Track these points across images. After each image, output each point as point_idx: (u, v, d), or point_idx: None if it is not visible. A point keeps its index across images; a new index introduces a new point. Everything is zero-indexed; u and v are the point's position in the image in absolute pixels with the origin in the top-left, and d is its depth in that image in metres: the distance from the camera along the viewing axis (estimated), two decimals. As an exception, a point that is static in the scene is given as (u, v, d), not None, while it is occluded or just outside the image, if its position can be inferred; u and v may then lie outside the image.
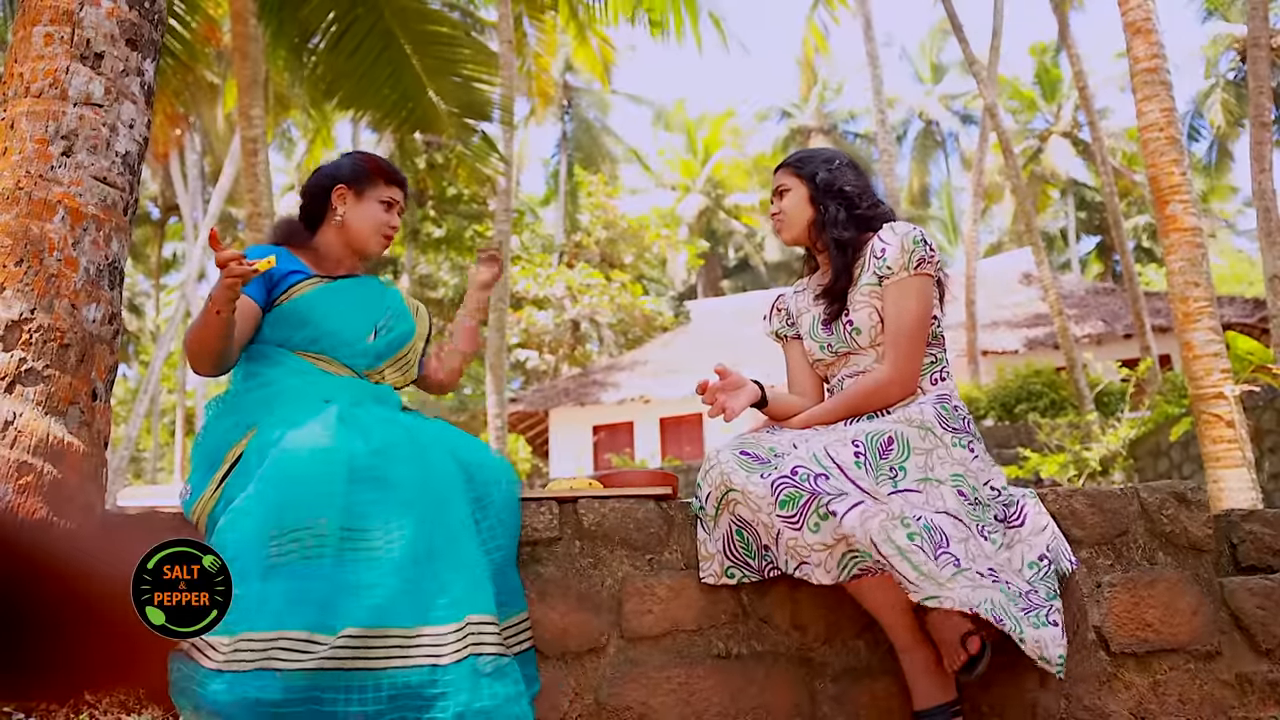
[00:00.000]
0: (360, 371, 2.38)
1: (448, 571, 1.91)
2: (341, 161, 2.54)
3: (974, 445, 2.20)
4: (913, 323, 2.27)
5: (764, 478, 2.02)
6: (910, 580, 1.85)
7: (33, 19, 2.55)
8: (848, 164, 2.47)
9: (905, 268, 2.28)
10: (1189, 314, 5.89)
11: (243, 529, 1.87)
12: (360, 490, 1.94)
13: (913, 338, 2.27)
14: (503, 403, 13.09)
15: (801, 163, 2.47)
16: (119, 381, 32.29)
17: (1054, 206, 33.85)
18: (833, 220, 2.38)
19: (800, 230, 2.45)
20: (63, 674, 0.88)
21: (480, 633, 1.87)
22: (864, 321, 2.32)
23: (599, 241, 28.95)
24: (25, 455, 2.21)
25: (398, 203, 2.52)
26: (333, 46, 8.40)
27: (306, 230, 2.51)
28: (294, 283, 2.37)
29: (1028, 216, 15.32)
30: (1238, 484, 5.54)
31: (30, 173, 2.41)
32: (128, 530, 2.19)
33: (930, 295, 2.31)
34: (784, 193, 2.47)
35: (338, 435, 2.01)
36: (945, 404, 2.25)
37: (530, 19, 14.17)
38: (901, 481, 2.05)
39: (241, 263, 2.03)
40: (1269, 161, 9.30)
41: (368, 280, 2.56)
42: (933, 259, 2.30)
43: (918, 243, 2.29)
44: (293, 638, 1.78)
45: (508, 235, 13.44)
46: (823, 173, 2.42)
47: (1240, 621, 2.20)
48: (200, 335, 2.19)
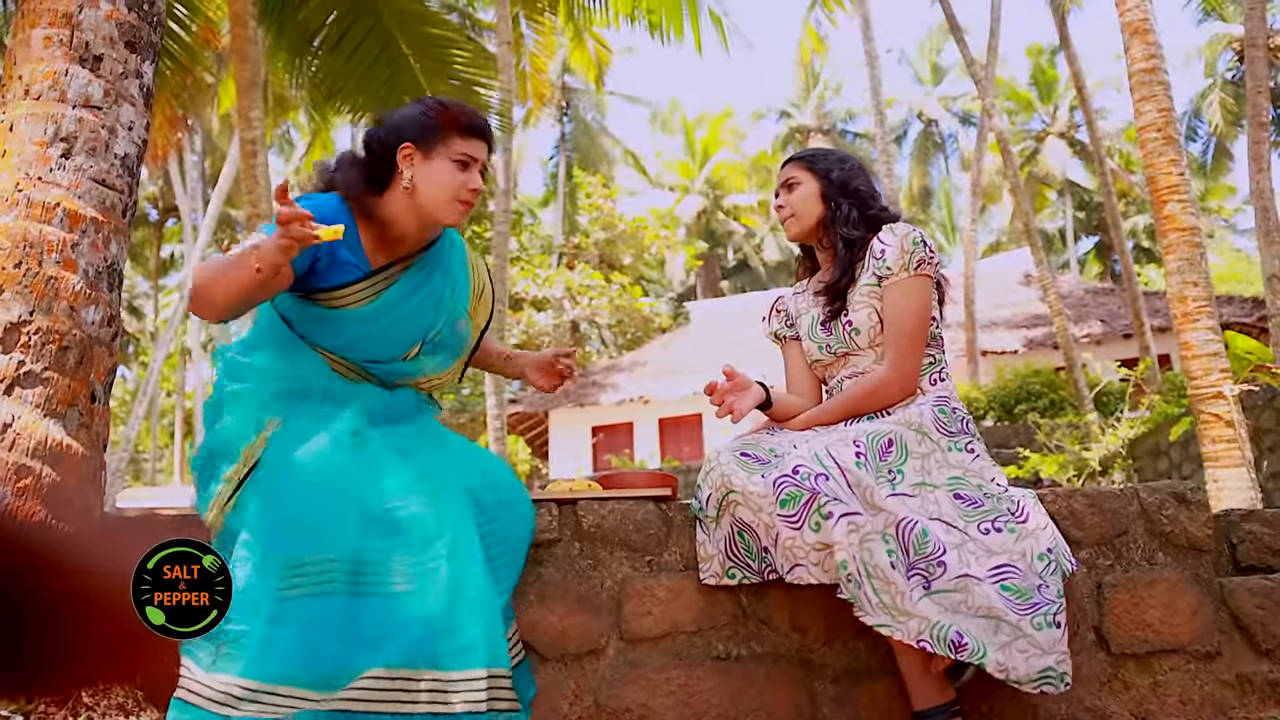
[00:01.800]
0: (391, 382, 2.18)
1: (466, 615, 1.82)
2: (408, 112, 2.13)
3: (973, 446, 2.21)
4: (912, 323, 2.27)
5: (764, 478, 2.02)
6: (869, 605, 1.90)
7: (32, 21, 2.55)
8: (859, 166, 2.49)
9: (905, 268, 2.29)
10: (1188, 314, 5.89)
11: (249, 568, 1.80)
12: (372, 537, 1.85)
13: (912, 338, 2.27)
14: (502, 404, 13.08)
15: (815, 159, 2.49)
16: (118, 382, 32.34)
17: (1052, 207, 33.89)
18: (844, 218, 2.39)
19: (809, 225, 2.45)
20: (60, 673, 0.88)
21: (498, 687, 1.81)
22: (863, 322, 2.33)
23: (598, 243, 28.95)
24: (24, 458, 2.21)
25: (478, 159, 2.11)
26: (332, 48, 8.41)
27: (370, 193, 2.10)
28: (342, 283, 2.08)
29: (1026, 217, 15.31)
30: (1237, 484, 5.54)
31: (29, 175, 2.41)
32: (126, 532, 2.19)
33: (929, 296, 2.32)
34: (793, 186, 2.47)
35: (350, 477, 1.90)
36: (943, 406, 2.26)
37: (528, 20, 14.16)
38: (899, 485, 2.07)
39: (305, 224, 1.77)
40: (1267, 161, 9.30)
41: (434, 269, 2.21)
42: (932, 260, 2.31)
43: (917, 244, 2.30)
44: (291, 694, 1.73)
45: (506, 236, 13.44)
46: (837, 171, 2.44)
47: (1240, 621, 2.19)
48: (225, 284, 1.91)
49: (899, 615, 1.89)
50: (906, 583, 1.91)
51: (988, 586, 1.94)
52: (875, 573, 1.91)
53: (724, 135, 37.45)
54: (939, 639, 1.87)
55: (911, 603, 1.90)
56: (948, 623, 1.88)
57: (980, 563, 1.98)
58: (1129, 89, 6.32)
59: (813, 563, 1.97)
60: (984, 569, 1.97)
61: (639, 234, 29.46)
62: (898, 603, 1.90)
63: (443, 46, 8.55)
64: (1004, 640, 1.89)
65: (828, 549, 1.94)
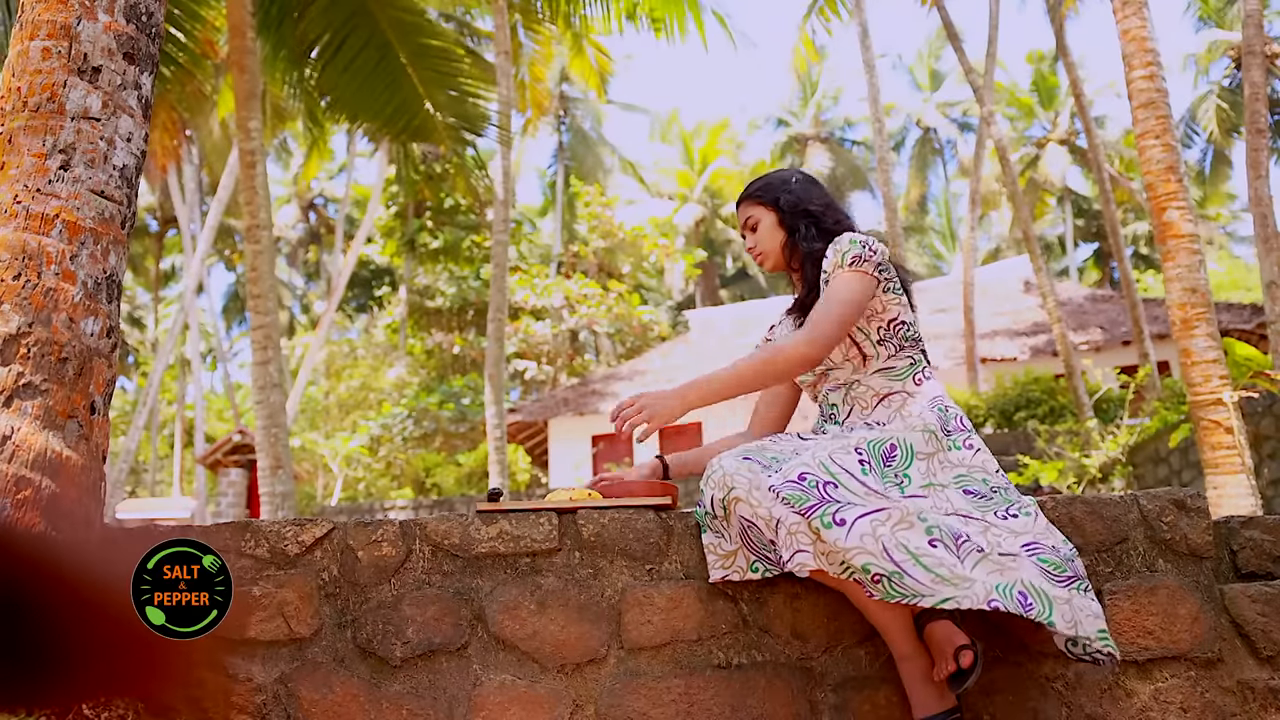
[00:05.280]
0: None
1: None
2: None
3: (971, 441, 2.23)
4: (836, 305, 2.29)
5: (768, 478, 2.02)
6: (924, 585, 1.84)
7: (30, 33, 2.56)
8: (805, 180, 2.54)
9: (839, 266, 2.33)
10: (1187, 320, 5.90)
11: None
12: None
13: (832, 317, 2.28)
14: (502, 413, 13.09)
15: (764, 190, 2.53)
16: (117, 393, 32.33)
17: (1051, 214, 33.93)
18: (804, 237, 2.45)
19: (777, 255, 2.51)
20: (61, 685, 0.88)
21: None
22: None
23: (596, 251, 28.99)
24: (23, 469, 2.21)
25: None
26: (331, 58, 8.44)
27: None
28: None
29: (1025, 224, 15.33)
30: (1237, 490, 5.55)
31: (28, 187, 2.42)
32: (126, 543, 2.19)
33: (862, 289, 2.31)
34: (755, 225, 2.53)
35: None
36: (939, 405, 2.27)
37: (526, 30, 14.22)
38: (908, 489, 2.07)
39: None
40: (1265, 168, 9.32)
41: None
42: (870, 258, 2.32)
43: (853, 243, 2.33)
44: None
45: (505, 246, 13.45)
46: (785, 196, 2.49)
47: (1241, 629, 2.19)
48: None
49: (962, 583, 1.85)
50: (956, 556, 1.89)
51: (1025, 560, 1.95)
52: (920, 554, 1.88)
53: (722, 144, 37.52)
54: (1008, 595, 1.84)
55: (967, 569, 1.87)
56: (1010, 580, 1.87)
57: (1009, 543, 1.99)
58: (1128, 96, 6.34)
59: (821, 552, 1.95)
60: (1015, 546, 1.98)
61: (638, 243, 29.51)
62: (955, 572, 1.86)
63: (441, 57, 8.58)
64: (1063, 597, 1.90)
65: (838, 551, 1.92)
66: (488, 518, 2.24)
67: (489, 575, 2.21)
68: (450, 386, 25.14)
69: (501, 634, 2.16)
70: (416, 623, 2.16)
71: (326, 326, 23.82)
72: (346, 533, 2.24)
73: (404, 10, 8.35)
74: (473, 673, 2.14)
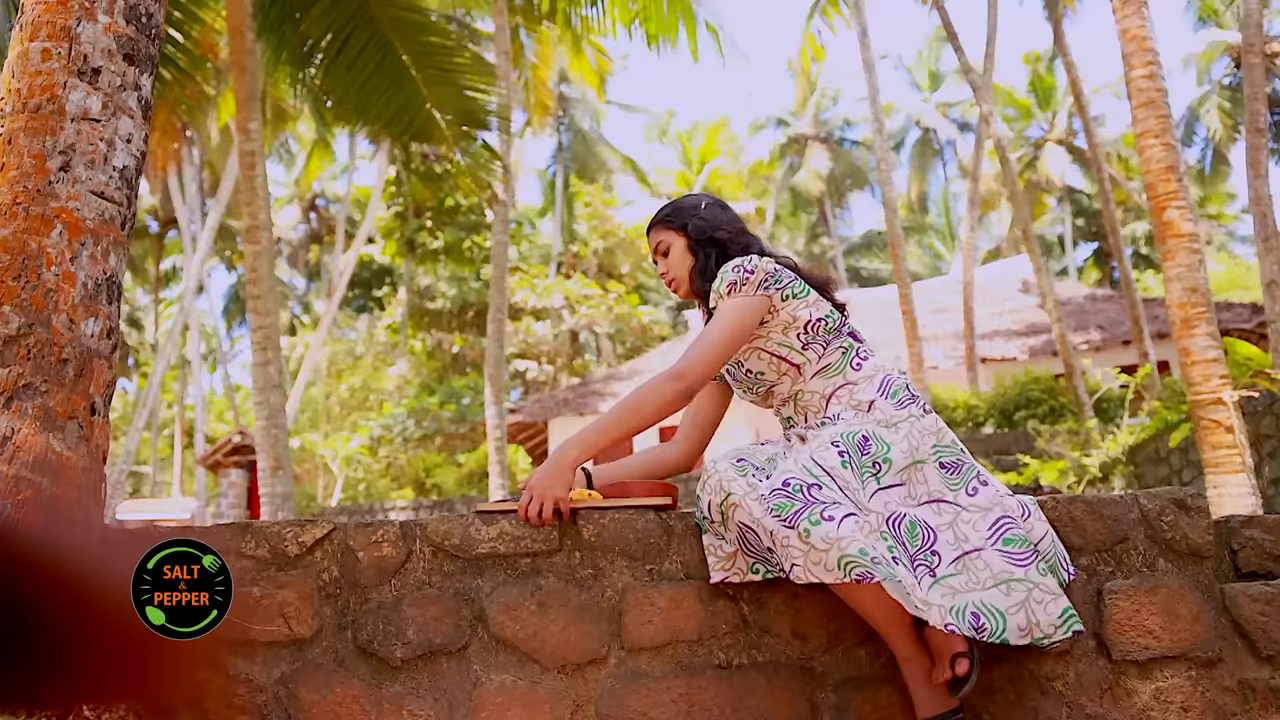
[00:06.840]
0: None
1: None
2: None
3: (927, 406, 2.26)
4: (708, 336, 2.28)
5: (762, 483, 2.03)
6: (905, 589, 1.89)
7: (30, 35, 2.56)
8: (714, 204, 2.52)
9: (720, 296, 2.33)
10: (1187, 320, 5.90)
11: None
12: None
13: (702, 349, 2.27)
14: (502, 414, 13.08)
15: (673, 215, 2.51)
16: (118, 395, 32.32)
17: (1051, 213, 33.93)
18: (708, 263, 2.43)
19: (687, 281, 2.49)
20: (62, 686, 0.88)
21: None
22: (758, 364, 2.38)
23: (596, 251, 29.00)
24: (23, 471, 2.21)
25: None
26: (332, 59, 8.44)
27: None
28: None
29: (1024, 223, 15.33)
30: (1237, 489, 5.54)
31: (28, 188, 2.42)
32: (127, 544, 2.19)
33: (743, 315, 2.30)
34: (666, 250, 2.51)
35: None
36: (887, 383, 2.28)
37: (527, 30, 14.22)
38: (885, 476, 2.08)
39: None
40: (1265, 167, 9.33)
41: None
42: (747, 280, 2.30)
43: (726, 271, 2.32)
44: None
45: (506, 246, 13.45)
46: (693, 221, 2.47)
47: (1242, 628, 2.19)
48: None
49: (922, 605, 1.91)
50: (913, 576, 1.93)
51: (988, 554, 1.98)
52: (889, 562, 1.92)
53: (720, 144, 37.52)
54: (961, 618, 1.89)
55: (923, 593, 1.92)
56: (961, 604, 1.91)
57: (977, 528, 2.02)
58: (1127, 95, 6.34)
59: (813, 562, 1.95)
60: (983, 533, 2.01)
61: (637, 243, 29.50)
62: (914, 592, 1.91)
63: (441, 56, 8.57)
64: (1018, 600, 1.92)
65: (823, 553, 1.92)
66: (488, 518, 2.25)
67: (489, 576, 2.21)
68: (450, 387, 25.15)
69: (502, 634, 2.16)
70: (417, 623, 2.16)
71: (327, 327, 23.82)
72: (347, 533, 2.24)
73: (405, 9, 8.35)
74: (473, 673, 2.14)
